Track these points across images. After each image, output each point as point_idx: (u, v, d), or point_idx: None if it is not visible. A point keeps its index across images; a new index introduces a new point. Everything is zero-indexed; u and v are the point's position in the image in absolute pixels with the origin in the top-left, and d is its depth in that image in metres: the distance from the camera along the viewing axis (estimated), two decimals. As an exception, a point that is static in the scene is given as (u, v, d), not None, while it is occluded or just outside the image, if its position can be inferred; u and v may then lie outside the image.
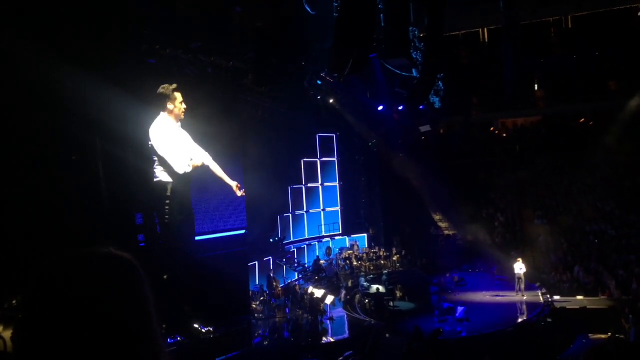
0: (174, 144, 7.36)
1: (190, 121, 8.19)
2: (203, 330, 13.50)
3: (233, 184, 7.90)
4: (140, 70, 11.32)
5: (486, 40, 27.62)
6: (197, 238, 11.95)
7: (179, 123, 7.49)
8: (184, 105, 7.35)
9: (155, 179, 7.75)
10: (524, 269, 19.50)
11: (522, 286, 19.42)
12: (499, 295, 19.88)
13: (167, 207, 7.62)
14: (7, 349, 6.47)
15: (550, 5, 26.09)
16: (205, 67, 13.77)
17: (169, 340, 12.15)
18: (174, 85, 7.35)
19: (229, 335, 13.91)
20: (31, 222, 8.83)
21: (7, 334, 6.95)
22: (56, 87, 9.31)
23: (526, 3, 24.37)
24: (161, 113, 7.38)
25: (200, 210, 13.66)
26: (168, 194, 7.59)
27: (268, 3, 15.83)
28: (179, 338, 12.61)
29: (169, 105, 7.29)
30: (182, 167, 7.46)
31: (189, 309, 12.80)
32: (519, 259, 19.95)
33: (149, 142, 7.37)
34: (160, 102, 7.44)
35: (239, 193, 7.95)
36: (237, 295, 16.07)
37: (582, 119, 27.33)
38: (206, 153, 7.86)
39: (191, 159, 7.56)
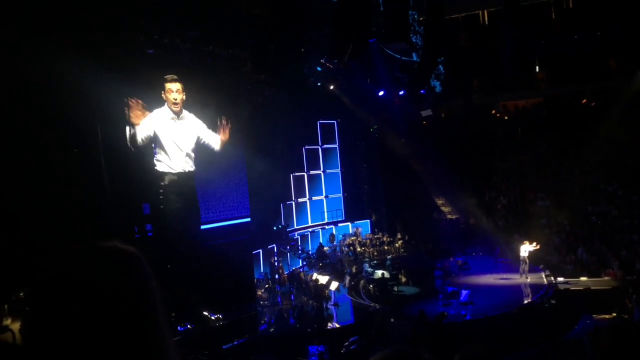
0: (165, 138, 7.37)
1: (192, 111, 8.20)
2: (212, 318, 13.62)
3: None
4: (139, 61, 11.29)
5: (486, 22, 27.33)
6: (203, 227, 12.02)
7: (179, 116, 7.47)
8: (173, 96, 7.32)
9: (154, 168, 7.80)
10: (528, 252, 19.51)
11: (526, 268, 19.45)
12: (503, 278, 19.90)
13: (161, 196, 7.66)
14: (16, 342, 6.53)
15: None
16: (205, 57, 13.69)
17: (179, 328, 12.27)
18: (169, 76, 7.37)
19: (235, 323, 14.00)
20: (35, 215, 8.86)
21: (16, 327, 7.03)
22: (56, 79, 9.28)
23: (526, -16, 24.08)
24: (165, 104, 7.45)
25: (205, 199, 13.69)
26: (162, 183, 7.62)
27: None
28: (189, 325, 12.72)
29: (162, 95, 7.35)
30: (179, 163, 7.42)
31: (197, 297, 12.90)
32: (526, 242, 19.93)
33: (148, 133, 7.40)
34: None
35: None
36: (243, 283, 16.16)
37: (584, 100, 27.13)
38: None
39: (191, 156, 7.58)
